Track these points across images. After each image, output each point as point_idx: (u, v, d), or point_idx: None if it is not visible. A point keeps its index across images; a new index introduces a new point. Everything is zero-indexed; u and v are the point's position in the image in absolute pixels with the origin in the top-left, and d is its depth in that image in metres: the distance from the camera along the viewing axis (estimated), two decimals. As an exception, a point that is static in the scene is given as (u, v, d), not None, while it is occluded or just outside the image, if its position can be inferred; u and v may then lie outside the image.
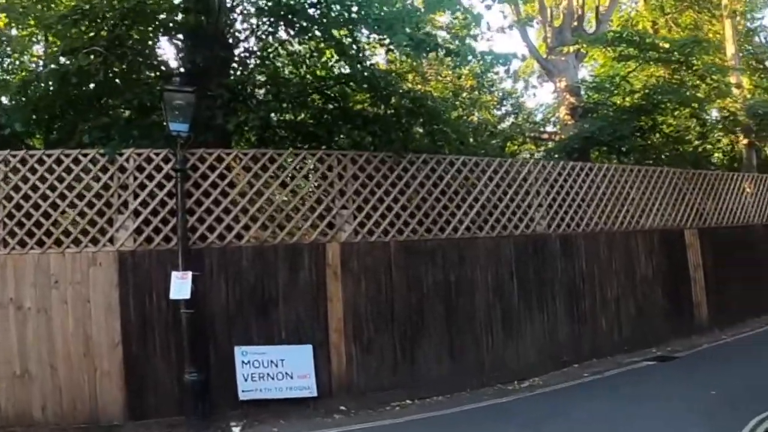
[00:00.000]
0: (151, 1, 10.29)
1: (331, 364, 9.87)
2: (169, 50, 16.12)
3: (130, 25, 10.42)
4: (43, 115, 10.58)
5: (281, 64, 12.68)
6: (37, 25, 12.64)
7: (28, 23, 13.05)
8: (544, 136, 21.83)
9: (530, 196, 12.20)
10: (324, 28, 10.90)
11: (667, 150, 18.80)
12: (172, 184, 9.27)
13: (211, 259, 9.47)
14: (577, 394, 10.00)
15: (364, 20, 10.14)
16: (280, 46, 11.94)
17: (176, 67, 11.52)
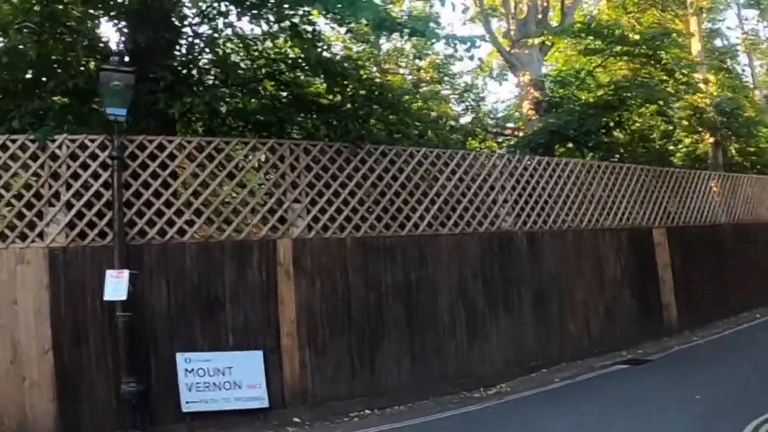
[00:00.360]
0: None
1: (284, 371, 9.37)
2: (113, 36, 15.46)
3: (67, 2, 9.91)
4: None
5: (231, 50, 12.10)
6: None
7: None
8: (506, 132, 21.64)
9: (495, 192, 11.95)
10: (277, 9, 10.37)
11: (633, 147, 18.81)
12: (109, 174, 8.68)
13: (151, 257, 8.89)
14: (548, 402, 9.63)
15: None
16: (230, 29, 11.38)
17: (118, 50, 10.88)
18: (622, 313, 13.36)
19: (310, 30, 11.08)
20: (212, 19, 11.12)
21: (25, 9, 9.71)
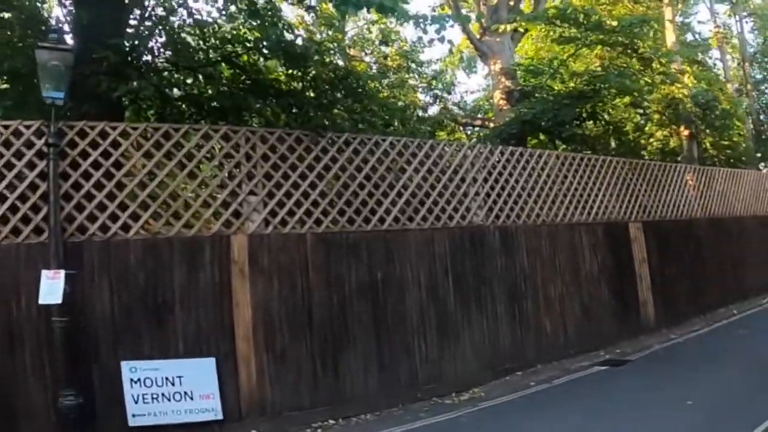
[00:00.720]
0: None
1: (240, 379, 8.75)
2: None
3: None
4: None
5: (185, 31, 11.47)
6: None
7: None
8: (476, 123, 21.23)
9: (466, 184, 11.55)
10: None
11: (606, 140, 18.59)
12: (45, 164, 8.04)
13: (92, 255, 8.21)
14: (526, 408, 9.12)
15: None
16: (182, 8, 10.74)
17: (58, 27, 10.30)
18: (599, 311, 13.07)
19: (269, 8, 10.46)
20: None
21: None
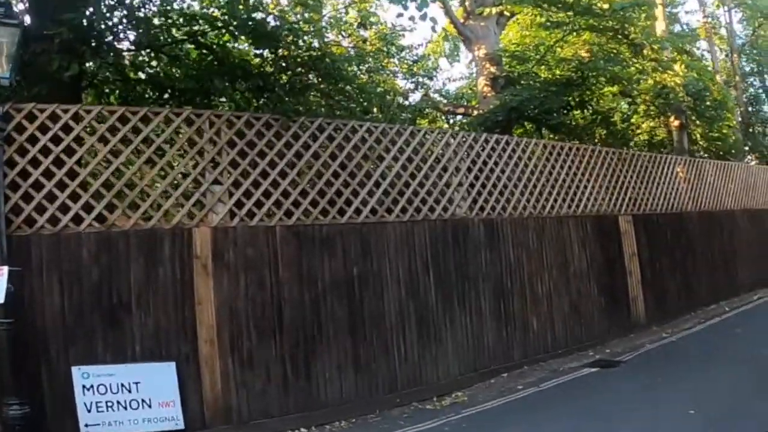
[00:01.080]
0: None
1: (203, 385, 8.18)
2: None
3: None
4: None
5: (149, 10, 10.89)
6: None
7: None
8: (459, 111, 20.77)
9: (448, 174, 11.08)
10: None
11: (593, 129, 18.24)
12: (-11, 150, 7.48)
13: (41, 250, 7.63)
14: (513, 416, 8.53)
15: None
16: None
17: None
18: (588, 308, 12.71)
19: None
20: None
21: None
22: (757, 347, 10.91)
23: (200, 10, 11.44)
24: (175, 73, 10.74)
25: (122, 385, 7.76)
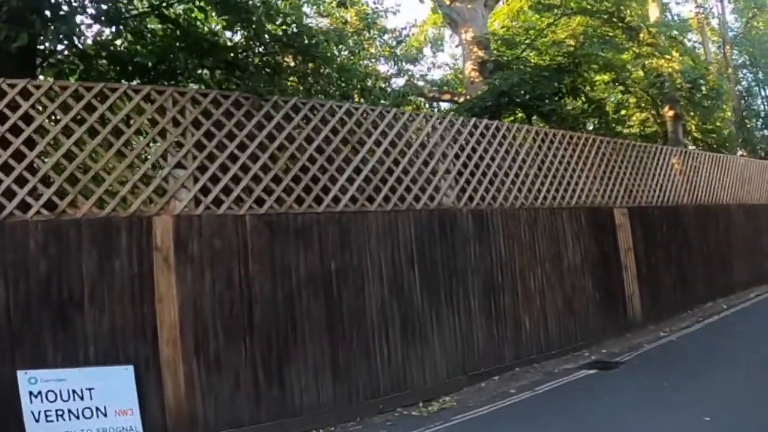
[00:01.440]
0: None
1: (165, 391, 7.58)
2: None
3: None
4: None
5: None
6: None
7: None
8: (444, 97, 20.36)
9: (435, 160, 10.58)
10: None
11: (586, 117, 17.90)
12: None
13: (-19, 241, 7.06)
14: (510, 425, 7.95)
15: None
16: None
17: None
18: (583, 305, 12.29)
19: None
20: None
21: None
22: (760, 346, 10.43)
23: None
24: (136, 48, 10.21)
25: (74, 392, 7.22)
